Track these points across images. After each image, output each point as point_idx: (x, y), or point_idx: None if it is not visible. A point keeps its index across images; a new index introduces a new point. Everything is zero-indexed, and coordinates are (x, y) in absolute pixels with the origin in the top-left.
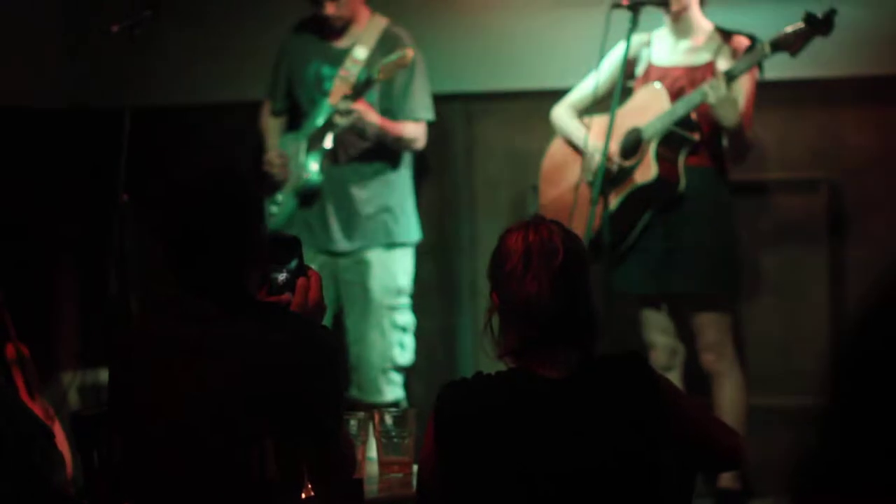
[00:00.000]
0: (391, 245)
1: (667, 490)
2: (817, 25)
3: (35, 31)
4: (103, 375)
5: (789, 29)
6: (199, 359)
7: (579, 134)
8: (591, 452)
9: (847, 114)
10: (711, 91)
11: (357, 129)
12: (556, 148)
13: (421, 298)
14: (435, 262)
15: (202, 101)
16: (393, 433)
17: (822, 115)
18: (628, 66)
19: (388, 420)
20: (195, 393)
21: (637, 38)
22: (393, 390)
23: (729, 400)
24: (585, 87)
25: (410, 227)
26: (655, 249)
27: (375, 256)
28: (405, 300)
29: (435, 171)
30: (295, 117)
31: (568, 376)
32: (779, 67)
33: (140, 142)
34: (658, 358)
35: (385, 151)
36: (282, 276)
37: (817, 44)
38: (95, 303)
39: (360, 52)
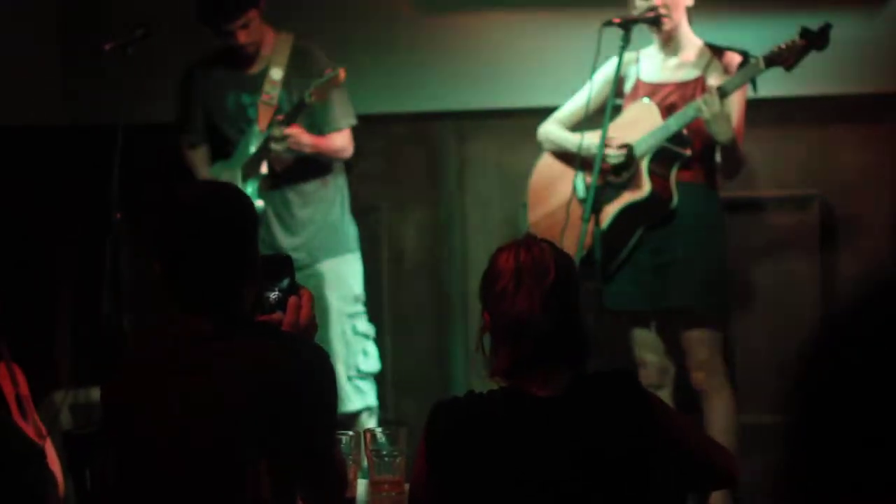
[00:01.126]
0: (341, 253)
1: None
2: (813, 39)
3: (28, 49)
4: (96, 394)
5: (784, 44)
6: (193, 378)
7: (574, 139)
8: (583, 471)
9: (838, 131)
10: (705, 106)
11: (292, 153)
12: (544, 165)
13: (413, 316)
14: (426, 280)
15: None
16: (384, 452)
17: (813, 133)
18: (619, 82)
19: (380, 438)
20: (189, 412)
21: (625, 56)
22: (362, 398)
23: (720, 418)
24: (573, 105)
25: (352, 235)
26: (646, 266)
27: (328, 267)
28: (361, 307)
29: (426, 189)
30: (219, 147)
31: (559, 395)
32: (771, 85)
33: (133, 160)
34: (649, 376)
35: (318, 165)
36: (274, 295)
37: (809, 62)
38: (88, 321)
39: (276, 73)
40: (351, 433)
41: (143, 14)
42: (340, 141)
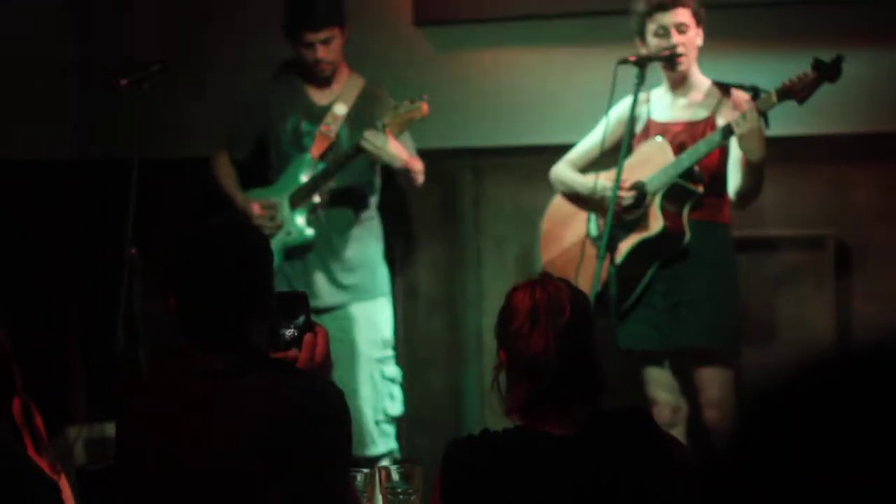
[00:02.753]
0: (374, 297)
1: None
2: (825, 71)
3: (44, 84)
4: (110, 430)
5: (796, 77)
6: (207, 414)
7: (587, 182)
8: None
9: (853, 170)
10: (743, 121)
11: (380, 159)
12: (557, 206)
13: (427, 354)
14: (442, 318)
15: (210, 154)
16: (399, 490)
17: (828, 172)
18: (630, 123)
19: (395, 476)
20: (204, 448)
21: (637, 97)
22: (386, 442)
23: None
24: (585, 144)
25: (385, 279)
26: (659, 306)
27: (359, 310)
28: (390, 352)
29: (442, 225)
30: (255, 172)
31: (574, 433)
32: (784, 123)
33: (148, 195)
34: (661, 415)
35: (358, 201)
36: (289, 332)
37: (822, 99)
38: (103, 356)
39: (340, 109)
40: (366, 470)
41: (159, 49)
42: (420, 164)
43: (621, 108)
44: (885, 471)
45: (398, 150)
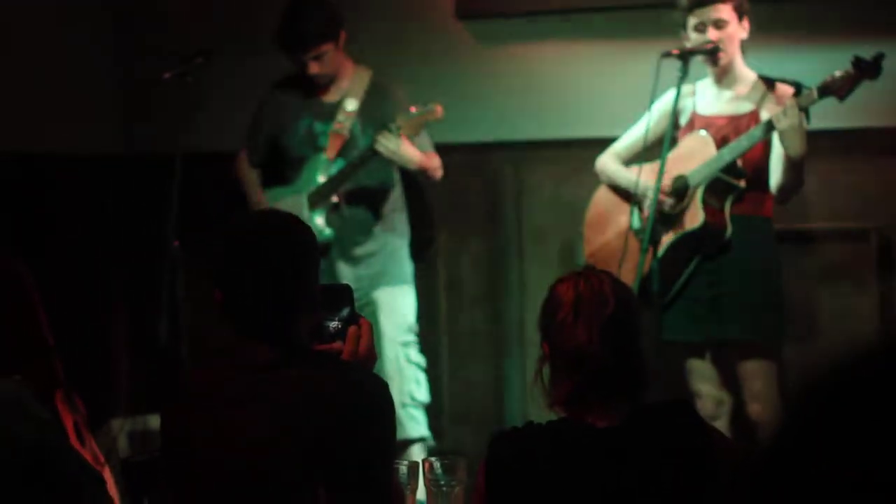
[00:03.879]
0: (397, 283)
1: None
2: (866, 69)
3: (87, 78)
4: (153, 422)
5: (837, 73)
6: (252, 407)
7: (630, 177)
8: (642, 502)
9: (895, 163)
10: (784, 116)
11: (394, 161)
12: (601, 196)
13: (470, 346)
14: (484, 310)
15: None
16: (442, 482)
17: (870, 164)
18: (675, 115)
19: (438, 468)
20: (249, 441)
21: (682, 89)
22: (415, 427)
23: None
24: (630, 137)
25: (409, 268)
26: (701, 297)
27: (383, 295)
28: (414, 337)
29: (483, 219)
30: (278, 170)
31: (618, 426)
32: (827, 117)
33: (191, 188)
34: (704, 407)
35: (378, 198)
36: (333, 325)
37: (864, 93)
38: (146, 349)
39: (351, 105)
40: (409, 462)
41: (202, 42)
42: (437, 159)
43: (665, 101)
44: None
45: (412, 152)
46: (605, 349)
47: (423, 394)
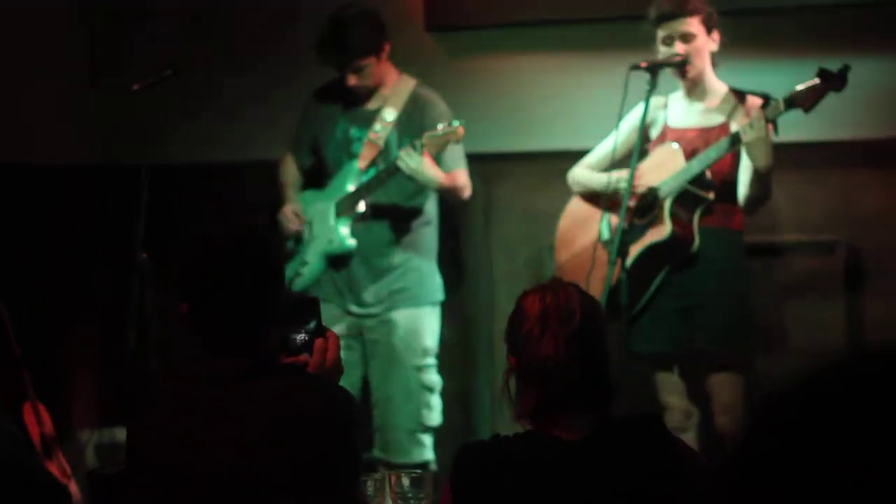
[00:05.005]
0: (419, 304)
1: None
2: (831, 81)
3: (55, 89)
4: (121, 434)
5: (802, 86)
6: (218, 418)
7: (601, 177)
8: None
9: (863, 176)
10: (750, 129)
11: (415, 179)
12: (572, 208)
13: (439, 358)
14: (452, 323)
15: (222, 159)
16: (409, 495)
17: (838, 177)
18: (645, 128)
19: (405, 481)
20: (215, 453)
21: (654, 101)
22: (420, 452)
23: None
24: (602, 150)
25: (436, 287)
26: (670, 309)
27: (402, 316)
28: (431, 360)
29: (453, 231)
30: (317, 174)
31: (585, 439)
32: (795, 130)
33: (159, 200)
34: (672, 419)
35: (407, 210)
36: (300, 337)
37: (833, 106)
38: (114, 361)
39: (389, 114)
40: (376, 476)
41: (171, 54)
42: (463, 178)
43: (636, 114)
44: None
45: (433, 172)
46: (572, 362)
47: (434, 418)
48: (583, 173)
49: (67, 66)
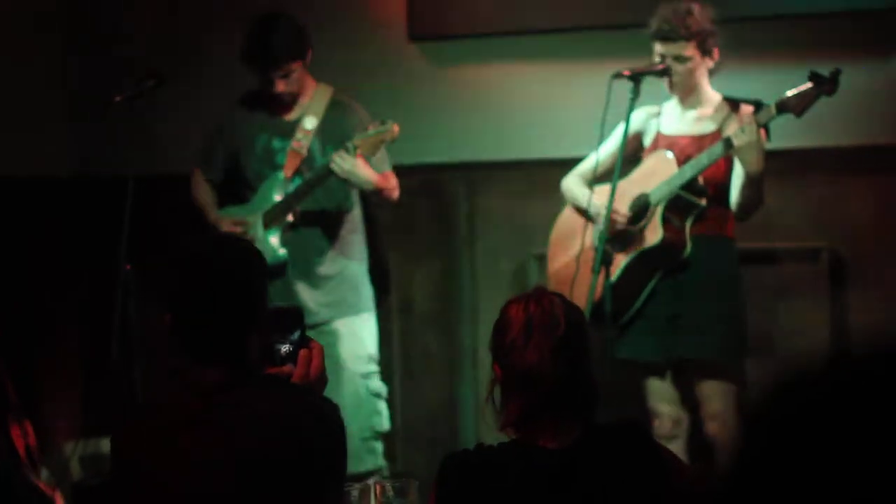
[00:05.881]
0: (358, 312)
1: None
2: (823, 85)
3: (37, 100)
4: (105, 445)
5: (794, 90)
6: (203, 430)
7: (584, 197)
8: None
9: (848, 182)
10: (742, 133)
11: (350, 182)
12: (565, 218)
13: (422, 367)
14: (436, 332)
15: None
16: (395, 503)
17: (823, 184)
18: (638, 136)
19: (390, 491)
20: (199, 464)
21: (648, 109)
22: (373, 459)
23: None
24: (593, 158)
25: (370, 293)
26: (661, 316)
27: (343, 325)
28: (375, 367)
29: (436, 240)
30: (234, 188)
31: (569, 447)
32: (781, 136)
33: (143, 211)
34: (662, 426)
35: (336, 218)
36: (284, 348)
37: (819, 113)
38: (98, 372)
39: (310, 123)
40: (360, 486)
41: (154, 64)
42: (393, 179)
43: (631, 121)
44: (885, 481)
45: (367, 173)
46: (556, 371)
47: (383, 423)
48: (572, 187)
49: (49, 78)
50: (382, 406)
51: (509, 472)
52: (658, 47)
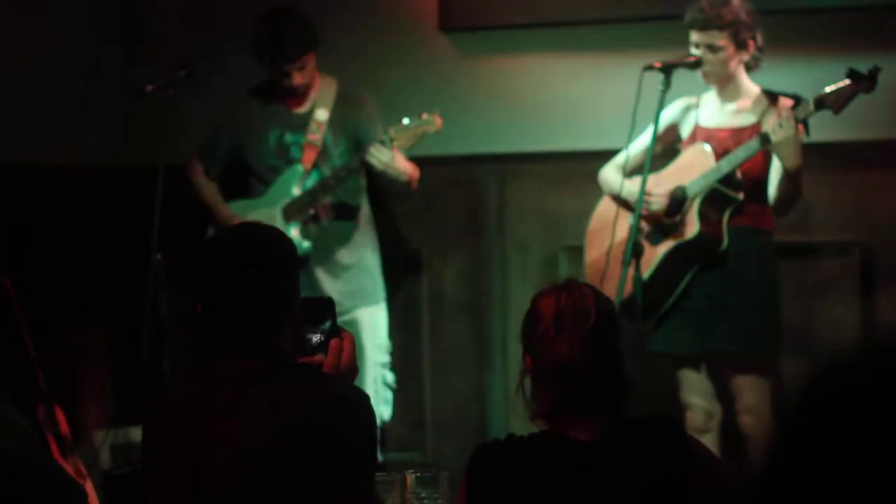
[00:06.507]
0: (376, 302)
1: None
2: (861, 82)
3: (70, 90)
4: (135, 434)
5: (832, 87)
6: (233, 419)
7: (618, 185)
8: None
9: (880, 176)
10: (780, 128)
11: (386, 174)
12: (601, 210)
13: (452, 358)
14: (467, 323)
15: None
16: (424, 495)
17: (854, 178)
18: (675, 127)
19: (420, 481)
20: (230, 454)
21: (686, 100)
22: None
23: None
24: (632, 149)
25: (383, 284)
26: (697, 309)
27: (364, 315)
28: (388, 357)
29: (467, 231)
30: (237, 182)
31: (599, 439)
32: (814, 130)
33: (174, 201)
34: (695, 419)
35: (354, 210)
36: (315, 338)
37: (855, 107)
38: (128, 361)
39: (322, 115)
40: (391, 476)
41: (185, 55)
42: (418, 171)
43: (667, 113)
44: None
45: (404, 165)
46: (587, 362)
47: (388, 413)
48: (608, 176)
49: (81, 68)
50: (391, 396)
51: (540, 463)
52: (693, 36)
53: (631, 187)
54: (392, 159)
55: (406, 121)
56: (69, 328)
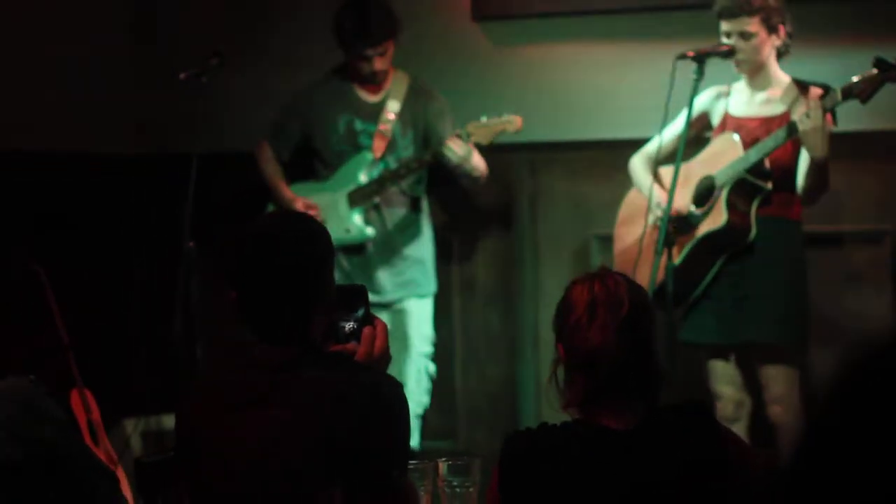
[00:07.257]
0: (427, 294)
1: None
2: (889, 71)
3: (102, 78)
4: (167, 422)
5: (859, 76)
6: (266, 408)
7: (645, 187)
8: None
9: None
10: (807, 118)
11: (461, 168)
12: (631, 198)
13: (484, 347)
14: (498, 311)
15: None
16: (456, 483)
17: (886, 167)
18: (705, 116)
19: (453, 469)
20: (262, 442)
21: (717, 89)
22: (415, 437)
23: None
24: (662, 138)
25: (435, 276)
26: (726, 299)
27: (413, 305)
28: (433, 348)
29: (499, 220)
30: (306, 166)
31: (632, 428)
32: (844, 119)
33: (206, 188)
34: (724, 409)
35: (414, 201)
36: (348, 325)
37: (881, 95)
38: (160, 349)
39: (394, 106)
40: (422, 464)
41: (218, 43)
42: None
43: (698, 101)
44: None
45: (478, 160)
46: (620, 351)
47: (427, 404)
48: (637, 168)
49: (112, 56)
50: (431, 387)
51: (572, 452)
52: (723, 25)
53: (655, 190)
54: (469, 153)
55: (484, 118)
56: (102, 315)
